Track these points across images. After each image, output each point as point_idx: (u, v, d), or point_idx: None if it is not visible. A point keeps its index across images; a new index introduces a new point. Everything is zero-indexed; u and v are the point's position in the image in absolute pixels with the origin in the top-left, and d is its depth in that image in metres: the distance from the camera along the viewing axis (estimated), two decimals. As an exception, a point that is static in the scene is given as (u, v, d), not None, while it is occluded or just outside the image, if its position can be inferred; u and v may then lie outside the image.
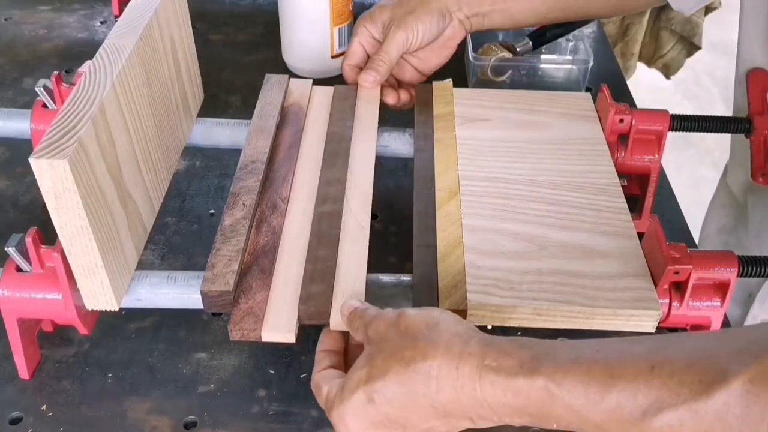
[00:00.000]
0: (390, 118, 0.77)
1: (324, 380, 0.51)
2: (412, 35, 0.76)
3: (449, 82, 0.78)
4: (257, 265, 0.59)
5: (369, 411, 0.46)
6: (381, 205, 0.76)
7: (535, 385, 0.42)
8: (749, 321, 0.83)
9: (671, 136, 0.71)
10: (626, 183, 0.67)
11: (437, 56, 0.81)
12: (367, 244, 0.61)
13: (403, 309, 0.49)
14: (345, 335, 0.56)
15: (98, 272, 0.54)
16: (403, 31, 0.76)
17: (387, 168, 0.80)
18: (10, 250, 0.55)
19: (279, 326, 0.55)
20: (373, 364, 0.47)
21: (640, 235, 0.60)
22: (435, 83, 0.77)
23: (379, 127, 0.73)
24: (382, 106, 0.76)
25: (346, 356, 0.55)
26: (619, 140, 0.70)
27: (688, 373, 0.40)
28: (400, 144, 0.73)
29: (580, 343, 0.45)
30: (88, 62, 0.58)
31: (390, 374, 0.45)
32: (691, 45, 1.73)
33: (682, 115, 0.71)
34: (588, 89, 0.94)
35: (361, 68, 0.79)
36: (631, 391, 0.40)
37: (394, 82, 0.80)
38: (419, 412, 0.46)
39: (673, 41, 1.73)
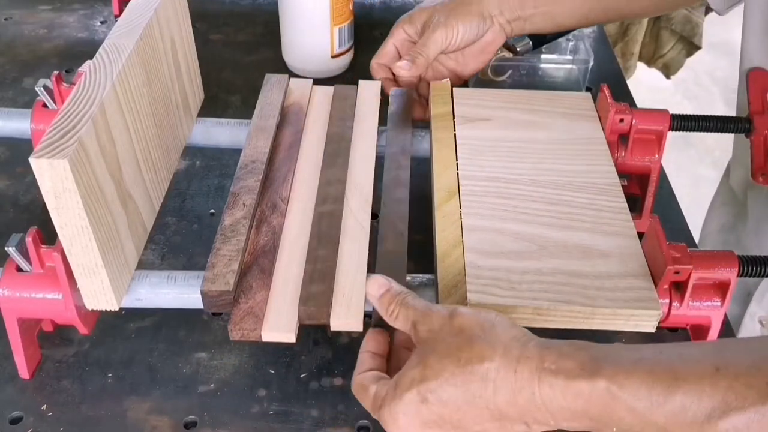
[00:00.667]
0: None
1: (369, 381, 0.50)
2: (452, 34, 0.76)
3: (447, 81, 0.78)
4: (257, 265, 0.59)
5: (422, 410, 0.46)
6: (381, 205, 0.76)
7: (597, 388, 0.41)
8: (747, 320, 0.83)
9: (671, 135, 0.71)
10: (626, 183, 0.67)
11: (475, 61, 0.81)
12: (367, 244, 0.61)
13: (455, 307, 0.49)
14: (389, 337, 0.55)
15: (98, 272, 0.54)
16: (443, 29, 0.76)
17: (387, 168, 0.79)
18: (11, 250, 0.55)
19: (279, 326, 0.55)
20: (426, 363, 0.46)
21: (640, 235, 0.60)
22: (433, 83, 0.77)
23: (379, 127, 0.73)
24: (383, 106, 0.76)
25: (389, 359, 0.54)
26: (620, 140, 0.70)
27: (756, 375, 0.39)
28: (400, 144, 0.73)
29: (640, 346, 0.44)
30: (88, 62, 0.58)
31: (445, 375, 0.45)
32: (691, 45, 1.73)
33: (682, 114, 0.71)
34: (588, 89, 0.94)
35: (389, 68, 0.79)
36: (696, 392, 0.40)
37: (423, 102, 0.80)
38: (473, 413, 0.45)
39: (673, 41, 1.73)
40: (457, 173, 0.66)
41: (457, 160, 0.68)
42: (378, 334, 0.54)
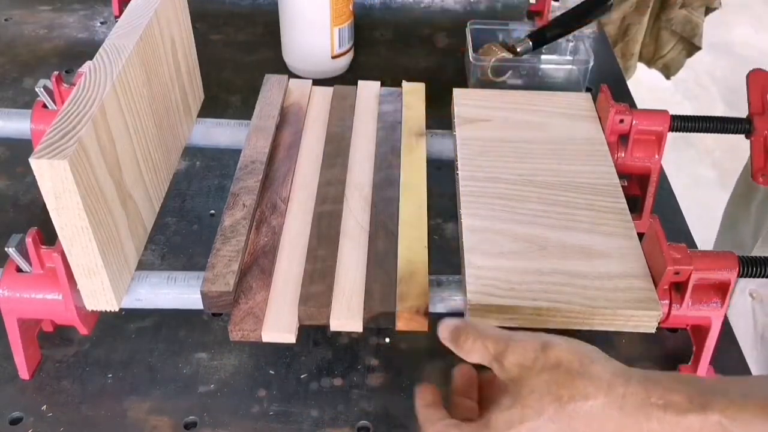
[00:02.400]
0: (390, 118, 0.76)
1: (449, 428, 0.47)
2: None
3: (422, 85, 0.77)
4: (257, 265, 0.59)
5: None
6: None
7: (709, 421, 0.40)
8: (737, 293, 0.83)
9: (671, 136, 0.71)
10: (626, 183, 0.67)
11: None
12: (367, 244, 0.61)
13: (547, 337, 0.46)
14: (437, 390, 0.51)
15: (98, 272, 0.54)
16: None
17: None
18: (11, 251, 0.55)
19: (279, 326, 0.55)
20: (524, 403, 0.44)
21: (641, 236, 0.60)
22: (405, 84, 0.77)
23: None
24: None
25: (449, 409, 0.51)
26: (620, 140, 0.70)
27: None
28: (400, 144, 0.73)
29: (748, 378, 0.44)
30: (89, 62, 0.58)
31: (546, 414, 0.43)
32: (691, 45, 1.73)
33: (682, 115, 0.71)
34: (588, 89, 0.94)
35: None
36: None
37: None
38: None
39: (673, 41, 1.73)
40: (457, 174, 0.67)
41: (457, 160, 0.68)
42: (427, 387, 0.51)
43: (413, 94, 0.76)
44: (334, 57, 0.93)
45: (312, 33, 0.92)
